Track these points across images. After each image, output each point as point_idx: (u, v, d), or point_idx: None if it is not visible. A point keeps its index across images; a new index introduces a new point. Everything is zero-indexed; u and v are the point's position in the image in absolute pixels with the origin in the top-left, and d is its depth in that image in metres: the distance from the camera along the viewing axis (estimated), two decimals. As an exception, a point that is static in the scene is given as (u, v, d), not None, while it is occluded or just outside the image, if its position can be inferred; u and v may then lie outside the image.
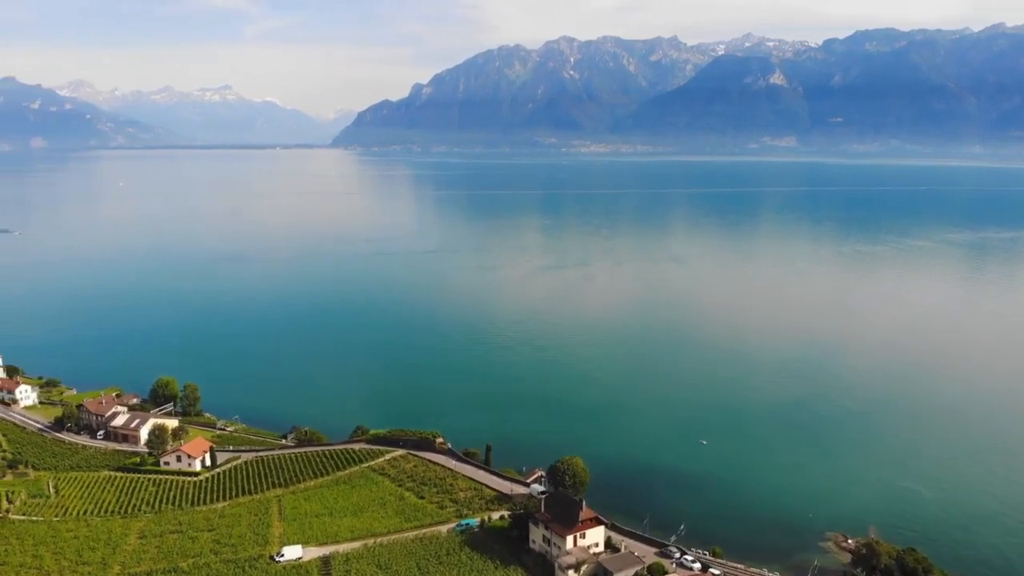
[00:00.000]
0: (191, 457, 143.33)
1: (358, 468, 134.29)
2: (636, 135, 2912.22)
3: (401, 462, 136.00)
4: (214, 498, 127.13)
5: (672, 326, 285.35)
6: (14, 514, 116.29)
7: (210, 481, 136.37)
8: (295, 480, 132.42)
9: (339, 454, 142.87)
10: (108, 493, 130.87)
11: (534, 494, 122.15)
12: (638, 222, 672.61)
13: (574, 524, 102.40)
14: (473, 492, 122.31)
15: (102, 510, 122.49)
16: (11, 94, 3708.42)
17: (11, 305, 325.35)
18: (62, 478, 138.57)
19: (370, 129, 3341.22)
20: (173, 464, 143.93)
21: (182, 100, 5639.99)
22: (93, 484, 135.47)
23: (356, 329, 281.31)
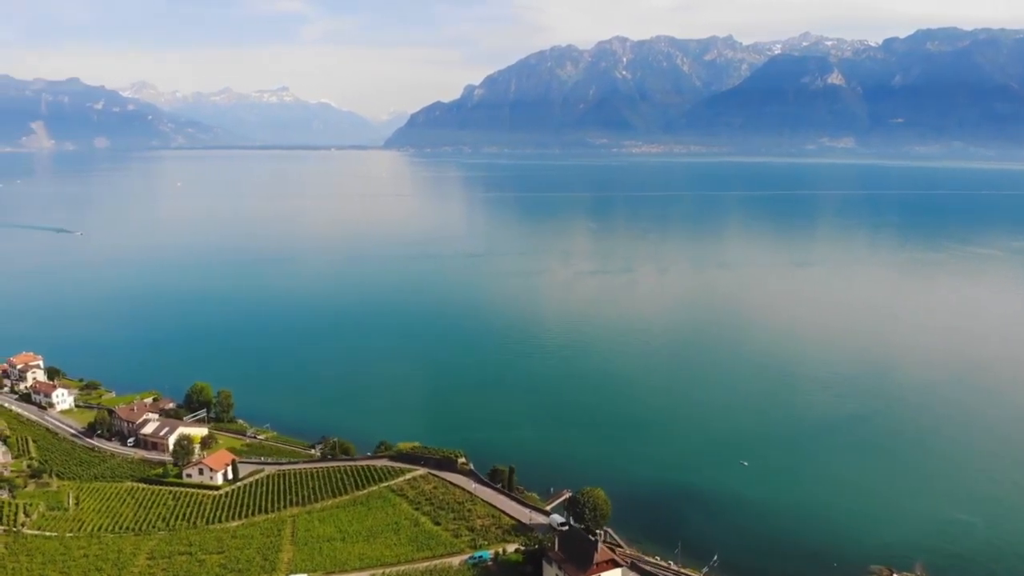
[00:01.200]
0: (213, 470, 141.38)
1: (376, 488, 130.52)
2: (689, 135, 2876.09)
3: (421, 482, 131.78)
4: (230, 516, 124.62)
5: (717, 338, 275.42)
6: (29, 528, 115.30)
7: (229, 496, 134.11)
8: (313, 499, 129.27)
9: (360, 471, 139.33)
10: (127, 507, 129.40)
11: (553, 524, 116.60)
12: (687, 226, 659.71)
13: (588, 566, 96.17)
14: (491, 520, 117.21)
15: (117, 526, 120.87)
16: (75, 95, 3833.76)
17: (62, 306, 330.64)
18: (84, 488, 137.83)
19: (422, 130, 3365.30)
20: (195, 477, 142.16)
21: (240, 101, 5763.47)
22: (114, 496, 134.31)
23: (392, 335, 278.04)
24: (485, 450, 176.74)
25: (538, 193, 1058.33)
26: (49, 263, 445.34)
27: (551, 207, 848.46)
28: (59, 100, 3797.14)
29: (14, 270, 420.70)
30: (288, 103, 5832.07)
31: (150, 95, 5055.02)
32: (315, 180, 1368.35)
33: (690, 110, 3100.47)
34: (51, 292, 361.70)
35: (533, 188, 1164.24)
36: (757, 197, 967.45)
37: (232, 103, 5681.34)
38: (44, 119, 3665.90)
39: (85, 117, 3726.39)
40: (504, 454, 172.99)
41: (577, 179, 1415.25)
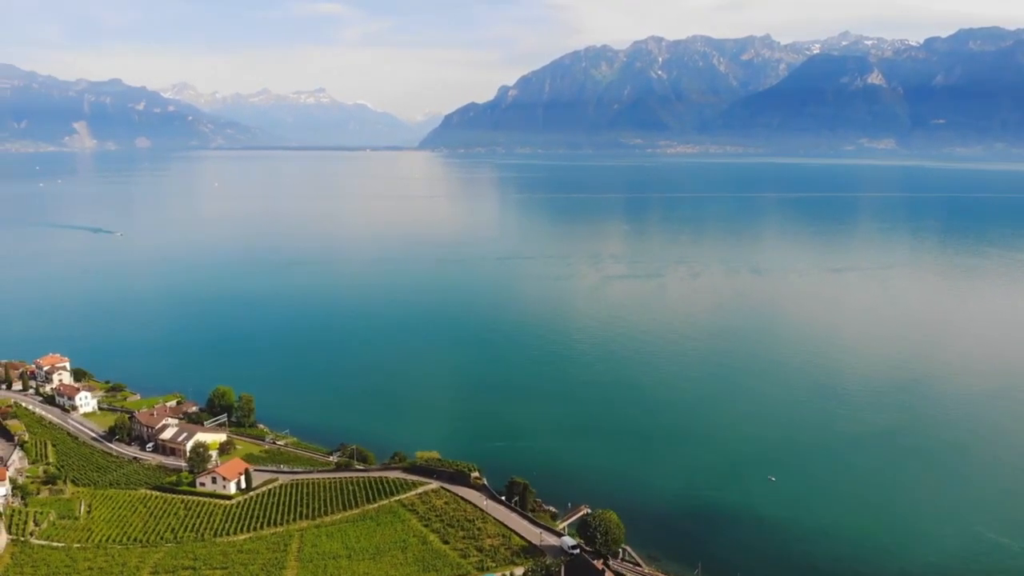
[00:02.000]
0: (226, 480, 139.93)
1: (387, 502, 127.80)
2: (725, 136, 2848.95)
3: (432, 497, 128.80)
4: (239, 528, 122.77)
5: (748, 346, 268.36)
6: (37, 538, 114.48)
7: (240, 507, 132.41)
8: (323, 512, 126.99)
9: (372, 483, 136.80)
10: (137, 516, 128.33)
11: (564, 547, 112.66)
12: (720, 228, 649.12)
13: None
14: (500, 540, 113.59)
15: (126, 536, 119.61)
16: (117, 96, 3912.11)
17: (95, 307, 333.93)
18: (98, 496, 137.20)
19: (456, 131, 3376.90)
20: (208, 485, 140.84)
21: (278, 102, 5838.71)
22: (126, 504, 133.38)
23: (417, 339, 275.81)
24: (505, 459, 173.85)
25: (570, 194, 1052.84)
26: (87, 263, 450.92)
27: (583, 208, 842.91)
28: (101, 100, 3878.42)
29: (53, 270, 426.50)
30: (325, 104, 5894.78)
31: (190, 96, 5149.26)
32: (349, 181, 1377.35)
33: (726, 110, 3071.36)
34: (86, 293, 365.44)
35: (565, 189, 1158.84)
36: (794, 199, 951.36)
37: (270, 104, 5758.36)
38: (87, 119, 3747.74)
39: (127, 117, 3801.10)
40: (524, 464, 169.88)
41: (610, 180, 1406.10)
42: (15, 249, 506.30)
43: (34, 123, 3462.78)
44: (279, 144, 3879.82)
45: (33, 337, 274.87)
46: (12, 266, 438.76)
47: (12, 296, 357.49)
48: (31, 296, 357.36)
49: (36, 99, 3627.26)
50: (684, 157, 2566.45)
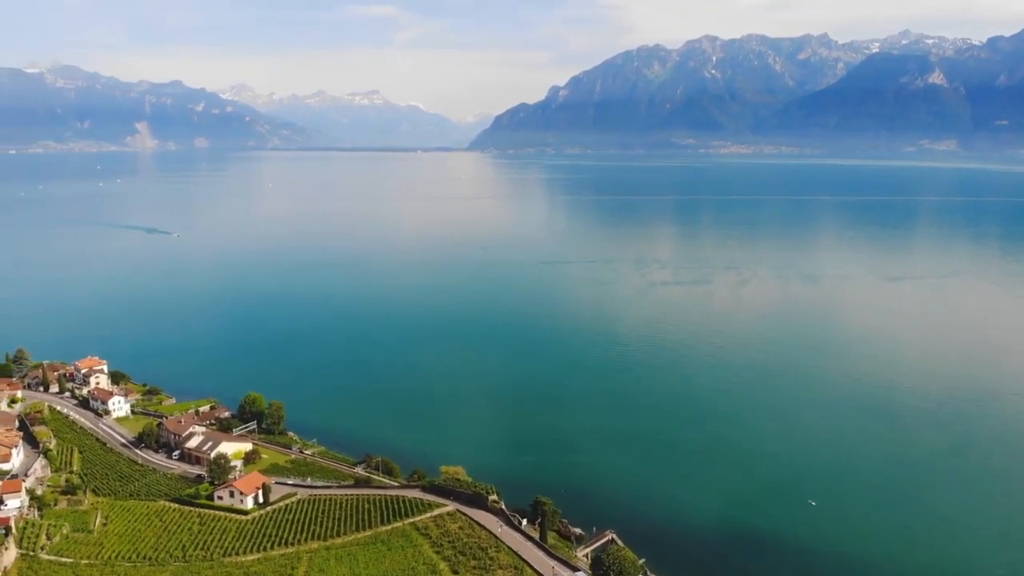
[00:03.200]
0: (243, 494, 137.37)
1: (401, 524, 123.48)
2: (781, 136, 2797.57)
3: (447, 521, 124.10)
4: (249, 547, 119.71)
5: (795, 358, 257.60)
6: (48, 553, 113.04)
7: (255, 523, 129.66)
8: (335, 532, 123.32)
9: (389, 503, 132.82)
10: (151, 530, 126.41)
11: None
12: (773, 232, 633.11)
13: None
14: (512, 572, 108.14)
15: (136, 553, 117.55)
16: (178, 96, 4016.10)
17: (142, 309, 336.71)
18: (116, 507, 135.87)
19: (506, 132, 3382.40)
20: (226, 499, 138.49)
21: (333, 104, 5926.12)
22: (142, 517, 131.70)
23: (451, 346, 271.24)
24: (534, 474, 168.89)
25: (618, 196, 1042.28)
26: (140, 264, 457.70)
27: (631, 211, 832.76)
28: (162, 101, 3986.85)
29: (105, 270, 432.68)
30: (378, 106, 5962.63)
31: (248, 97, 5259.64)
32: (398, 182, 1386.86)
33: (782, 110, 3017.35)
34: (135, 293, 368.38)
35: (614, 191, 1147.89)
36: (850, 202, 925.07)
37: (325, 105, 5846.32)
38: (148, 120, 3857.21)
39: (186, 118, 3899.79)
40: (553, 479, 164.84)
41: (661, 181, 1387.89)
42: (71, 249, 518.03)
43: (97, 123, 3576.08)
44: (333, 145, 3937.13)
45: (77, 337, 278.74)
46: (66, 266, 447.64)
47: (62, 295, 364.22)
48: (80, 296, 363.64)
49: (99, 100, 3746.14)
50: (738, 158, 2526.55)
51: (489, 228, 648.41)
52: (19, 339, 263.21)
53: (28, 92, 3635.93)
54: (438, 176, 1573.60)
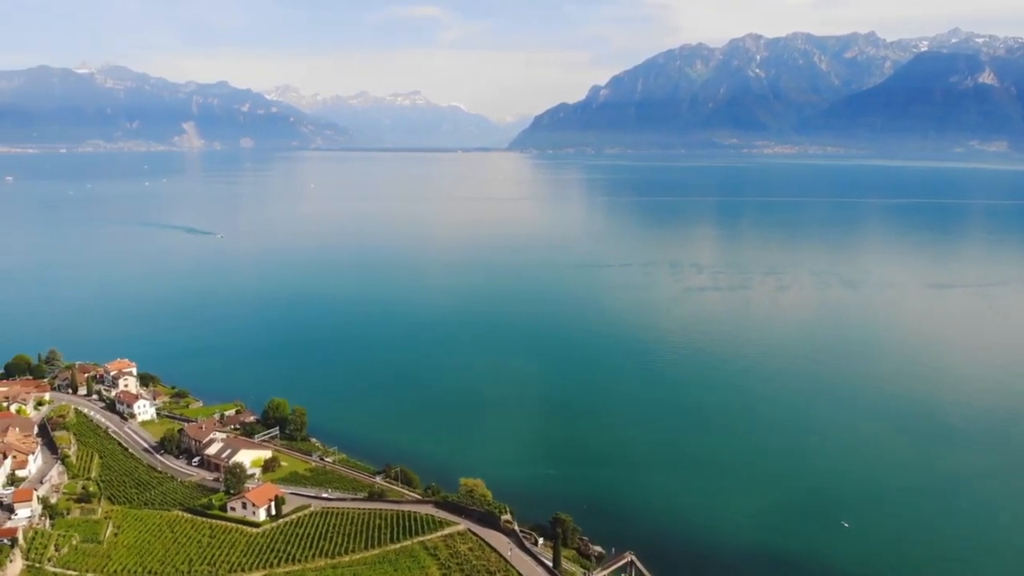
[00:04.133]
0: (255, 506, 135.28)
1: (410, 543, 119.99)
2: (826, 136, 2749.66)
3: (457, 541, 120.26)
4: (256, 563, 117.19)
5: (829, 370, 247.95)
6: (55, 565, 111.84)
7: (264, 536, 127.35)
8: (344, 549, 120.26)
9: (400, 519, 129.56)
10: (161, 542, 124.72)
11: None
12: (815, 236, 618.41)
13: None
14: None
15: (143, 567, 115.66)
16: (224, 97, 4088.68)
17: (178, 309, 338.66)
18: (129, 516, 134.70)
19: (545, 132, 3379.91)
20: (238, 511, 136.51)
21: (376, 104, 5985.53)
22: (154, 528, 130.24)
23: (482, 352, 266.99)
24: (556, 487, 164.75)
25: (658, 197, 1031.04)
26: (183, 265, 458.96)
27: (669, 212, 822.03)
28: (209, 102, 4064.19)
29: (146, 270, 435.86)
30: (420, 106, 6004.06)
31: (293, 98, 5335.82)
32: (436, 183, 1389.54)
33: (827, 110, 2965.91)
34: (174, 295, 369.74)
35: (653, 192, 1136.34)
36: (897, 205, 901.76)
37: (368, 106, 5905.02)
38: (195, 120, 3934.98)
39: (232, 118, 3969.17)
40: (576, 494, 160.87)
41: (701, 182, 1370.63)
42: (112, 249, 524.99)
43: (145, 123, 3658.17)
44: (375, 145, 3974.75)
45: (111, 338, 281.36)
46: (106, 266, 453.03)
47: (100, 295, 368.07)
48: (118, 296, 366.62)
49: (148, 100, 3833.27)
50: (782, 158, 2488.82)
51: (524, 230, 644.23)
52: (54, 339, 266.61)
53: (79, 92, 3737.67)
54: (476, 176, 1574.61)
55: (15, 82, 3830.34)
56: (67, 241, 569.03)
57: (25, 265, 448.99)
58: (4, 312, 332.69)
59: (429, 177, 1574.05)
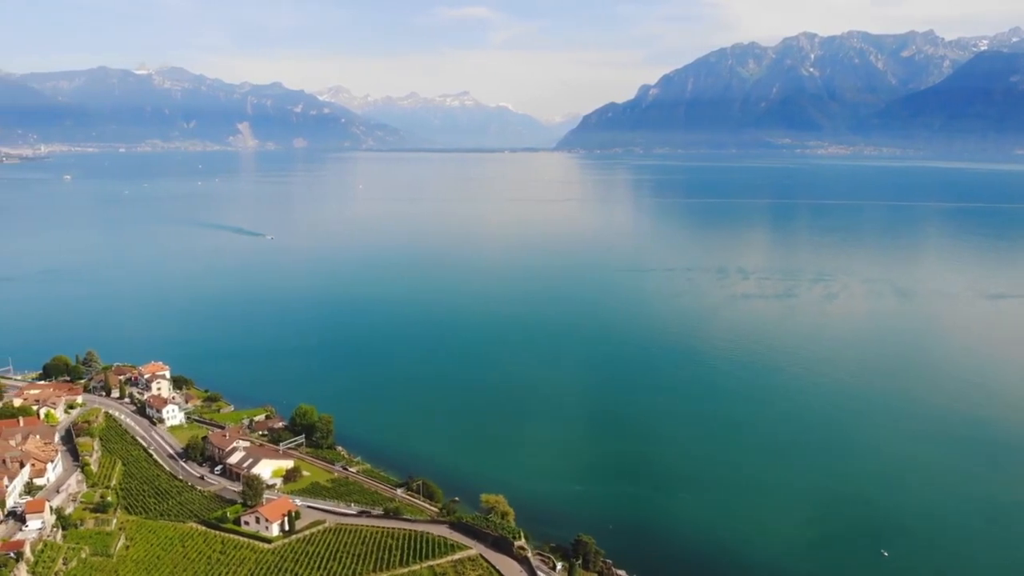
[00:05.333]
0: (269, 521, 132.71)
1: (419, 567, 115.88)
2: (882, 137, 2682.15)
3: (467, 567, 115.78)
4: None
5: (874, 386, 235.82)
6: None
7: (274, 554, 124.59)
8: (352, 572, 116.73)
9: (413, 540, 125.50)
10: (171, 557, 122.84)
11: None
12: (868, 242, 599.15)
13: None
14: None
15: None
16: (278, 98, 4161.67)
17: (219, 311, 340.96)
18: (144, 528, 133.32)
19: (593, 132, 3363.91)
20: (252, 525, 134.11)
21: (425, 105, 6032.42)
22: (165, 541, 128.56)
23: (510, 358, 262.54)
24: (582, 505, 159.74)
25: (706, 199, 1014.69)
26: (231, 266, 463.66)
27: (718, 215, 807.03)
28: (263, 103, 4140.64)
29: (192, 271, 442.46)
30: (468, 107, 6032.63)
31: (344, 99, 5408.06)
32: (480, 184, 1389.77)
33: (884, 110, 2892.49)
34: (217, 296, 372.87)
35: (702, 193, 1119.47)
36: (955, 209, 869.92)
37: (418, 107, 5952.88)
38: (249, 120, 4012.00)
39: (285, 119, 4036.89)
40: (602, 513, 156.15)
41: (752, 183, 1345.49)
42: (161, 249, 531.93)
43: (202, 123, 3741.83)
44: (424, 146, 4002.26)
45: (150, 340, 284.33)
46: (152, 266, 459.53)
47: (142, 296, 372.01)
48: (160, 297, 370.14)
49: (204, 101, 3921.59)
50: (836, 159, 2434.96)
51: (566, 232, 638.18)
52: (95, 339, 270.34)
53: (138, 93, 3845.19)
54: (521, 177, 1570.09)
55: (76, 82, 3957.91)
56: (118, 240, 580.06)
57: (74, 265, 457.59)
58: (49, 312, 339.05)
59: (474, 178, 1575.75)
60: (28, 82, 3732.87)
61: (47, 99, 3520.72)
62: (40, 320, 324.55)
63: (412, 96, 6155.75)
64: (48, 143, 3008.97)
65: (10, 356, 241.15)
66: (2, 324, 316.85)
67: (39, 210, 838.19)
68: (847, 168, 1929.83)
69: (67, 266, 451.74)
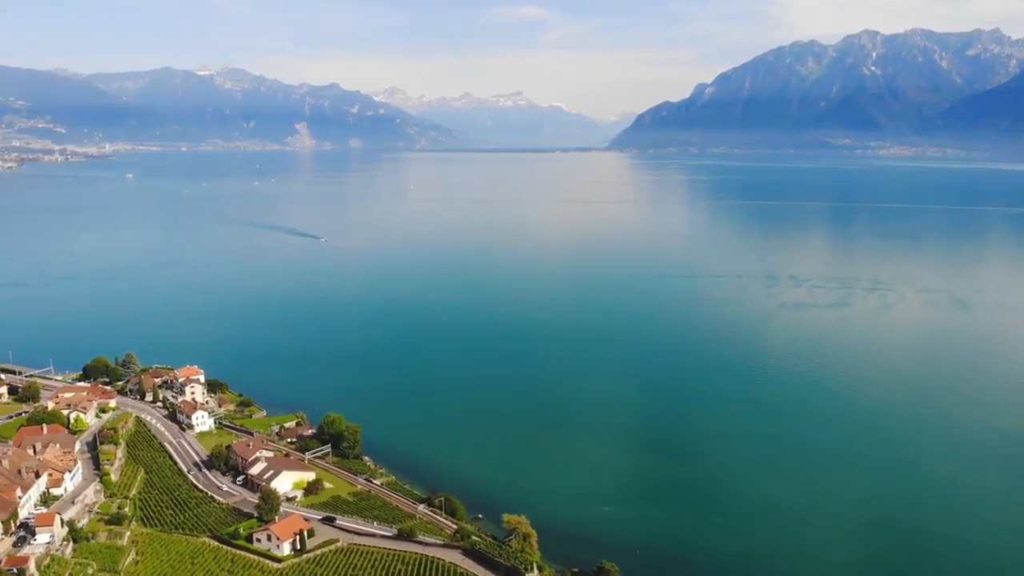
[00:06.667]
0: (279, 539, 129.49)
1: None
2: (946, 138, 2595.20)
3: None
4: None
5: (932, 405, 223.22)
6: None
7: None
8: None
9: (423, 565, 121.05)
10: (178, 574, 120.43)
11: None
12: (929, 249, 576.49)
13: None
14: None
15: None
16: (335, 99, 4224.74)
17: (262, 314, 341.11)
18: (156, 542, 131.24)
19: (647, 131, 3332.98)
20: (263, 543, 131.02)
21: (479, 105, 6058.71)
22: (176, 557, 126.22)
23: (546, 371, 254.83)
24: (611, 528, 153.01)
25: (761, 201, 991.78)
26: (282, 269, 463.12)
27: (772, 218, 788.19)
28: (320, 103, 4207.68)
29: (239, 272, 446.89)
30: (522, 107, 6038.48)
31: (400, 100, 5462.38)
32: (529, 185, 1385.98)
33: (948, 110, 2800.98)
34: (261, 298, 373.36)
35: (757, 195, 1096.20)
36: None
37: (471, 107, 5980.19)
38: (307, 120, 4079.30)
39: (342, 120, 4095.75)
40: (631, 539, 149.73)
41: (810, 184, 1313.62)
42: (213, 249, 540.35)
43: (261, 123, 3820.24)
44: (477, 146, 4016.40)
45: (191, 341, 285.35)
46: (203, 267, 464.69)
47: (186, 298, 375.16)
48: (205, 299, 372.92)
49: (263, 101, 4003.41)
50: (898, 160, 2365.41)
51: (614, 235, 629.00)
52: (137, 340, 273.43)
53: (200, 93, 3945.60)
54: (571, 178, 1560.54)
55: (140, 83, 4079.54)
56: (172, 240, 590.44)
57: (128, 264, 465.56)
58: (96, 311, 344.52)
59: (523, 179, 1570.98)
60: (94, 82, 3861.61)
61: (112, 99, 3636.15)
62: (87, 319, 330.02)
63: (466, 96, 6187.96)
64: (113, 142, 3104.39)
65: (51, 356, 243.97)
66: (51, 322, 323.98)
67: (102, 209, 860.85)
68: (909, 170, 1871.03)
69: (121, 265, 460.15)
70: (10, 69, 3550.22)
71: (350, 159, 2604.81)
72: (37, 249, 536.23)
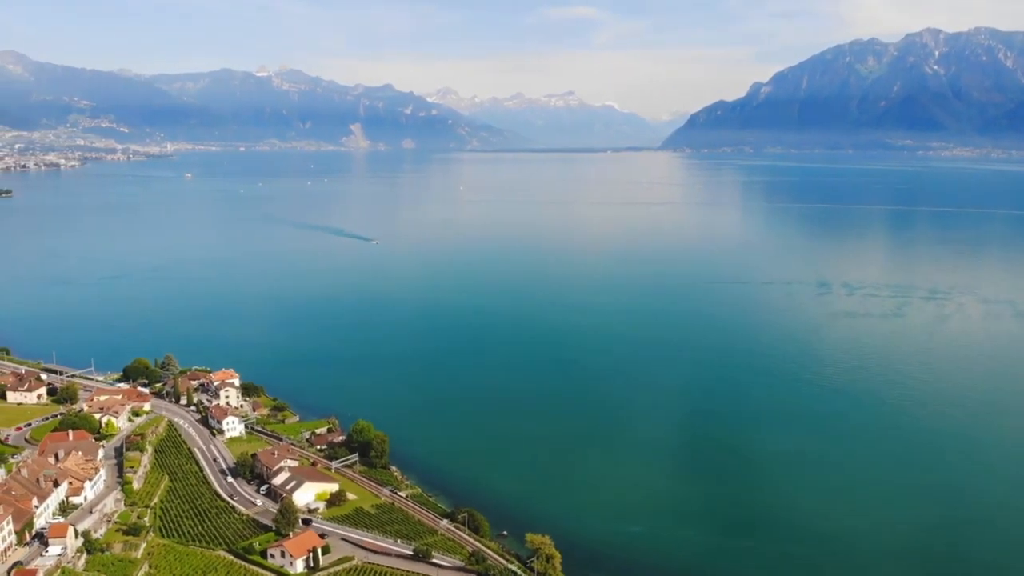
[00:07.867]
0: (293, 557, 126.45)
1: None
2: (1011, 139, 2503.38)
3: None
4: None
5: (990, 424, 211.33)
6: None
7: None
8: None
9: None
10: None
11: None
12: (991, 255, 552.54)
13: None
14: None
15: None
16: (389, 100, 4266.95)
17: (305, 317, 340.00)
18: (171, 554, 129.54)
19: (701, 131, 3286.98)
20: (277, 559, 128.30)
21: (530, 106, 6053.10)
22: (188, 572, 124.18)
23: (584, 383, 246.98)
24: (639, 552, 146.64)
25: (818, 204, 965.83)
26: (331, 270, 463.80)
27: (828, 222, 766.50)
28: (375, 104, 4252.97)
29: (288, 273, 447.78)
30: (573, 107, 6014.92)
31: (452, 100, 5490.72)
32: (579, 185, 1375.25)
33: (1013, 110, 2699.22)
34: (306, 301, 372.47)
35: (813, 197, 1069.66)
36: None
37: (523, 108, 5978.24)
38: (362, 121, 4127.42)
39: (395, 120, 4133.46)
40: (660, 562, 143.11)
41: (869, 186, 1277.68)
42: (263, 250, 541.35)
43: (317, 124, 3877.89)
44: (528, 146, 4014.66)
45: (230, 344, 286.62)
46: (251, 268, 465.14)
47: (233, 298, 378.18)
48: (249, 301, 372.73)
49: (319, 102, 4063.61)
50: (961, 162, 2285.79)
51: (662, 239, 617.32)
52: (179, 342, 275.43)
53: (258, 94, 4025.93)
54: (624, 179, 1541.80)
55: (200, 84, 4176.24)
56: (225, 240, 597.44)
57: (179, 264, 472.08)
58: (141, 311, 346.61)
59: (573, 180, 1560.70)
60: (156, 83, 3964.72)
61: (173, 99, 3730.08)
62: (131, 319, 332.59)
63: (518, 96, 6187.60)
64: (174, 141, 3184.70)
65: (94, 356, 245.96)
66: (96, 322, 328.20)
67: (159, 208, 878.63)
68: (973, 172, 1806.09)
69: (170, 265, 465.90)
70: (75, 70, 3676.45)
71: (403, 160, 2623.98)
72: (90, 247, 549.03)
